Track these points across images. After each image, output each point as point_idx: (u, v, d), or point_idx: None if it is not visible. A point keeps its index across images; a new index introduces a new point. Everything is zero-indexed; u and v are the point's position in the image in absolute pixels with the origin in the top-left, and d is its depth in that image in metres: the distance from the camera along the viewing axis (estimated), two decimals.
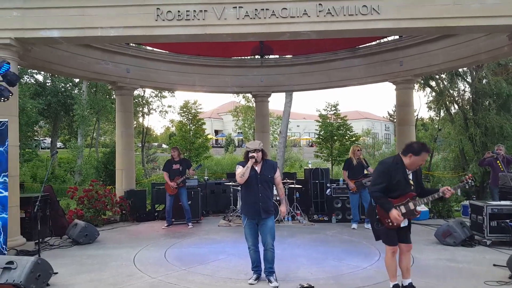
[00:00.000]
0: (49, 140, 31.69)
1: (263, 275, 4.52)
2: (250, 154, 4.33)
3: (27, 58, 6.69)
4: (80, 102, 20.60)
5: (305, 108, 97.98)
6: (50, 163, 7.27)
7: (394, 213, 3.72)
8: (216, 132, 51.30)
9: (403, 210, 3.78)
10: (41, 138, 33.67)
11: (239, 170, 4.39)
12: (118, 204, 8.67)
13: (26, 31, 5.73)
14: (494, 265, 4.87)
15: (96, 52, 8.66)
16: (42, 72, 22.62)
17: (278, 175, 4.52)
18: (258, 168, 4.42)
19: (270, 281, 4.34)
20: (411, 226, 4.05)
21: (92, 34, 5.83)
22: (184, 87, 10.64)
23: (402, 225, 3.87)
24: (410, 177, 3.89)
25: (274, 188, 4.73)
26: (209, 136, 25.61)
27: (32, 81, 23.25)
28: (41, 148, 30.71)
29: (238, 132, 36.86)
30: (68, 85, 24.25)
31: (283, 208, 4.68)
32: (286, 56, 10.77)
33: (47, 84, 24.02)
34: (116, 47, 8.89)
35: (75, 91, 23.70)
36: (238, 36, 5.92)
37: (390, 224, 3.81)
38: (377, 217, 3.89)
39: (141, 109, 25.99)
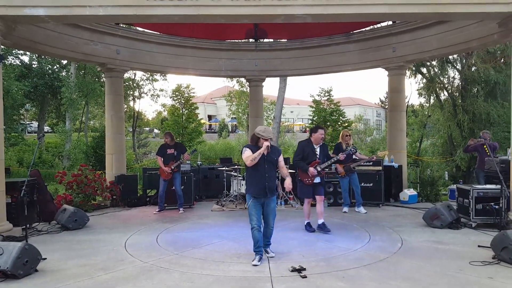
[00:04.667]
0: (36, 124, 31.10)
1: (264, 256, 4.66)
2: (266, 143, 4.53)
3: (11, 37, 6.41)
4: (68, 85, 20.18)
5: (299, 94, 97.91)
6: (37, 147, 7.10)
7: (311, 169, 5.77)
8: (210, 117, 50.94)
9: (314, 171, 5.77)
10: (27, 122, 33.04)
11: (247, 152, 4.58)
12: (109, 189, 8.59)
13: (9, 8, 5.47)
14: (479, 246, 5.01)
15: (85, 33, 8.42)
16: (28, 53, 22.04)
17: (281, 159, 4.87)
18: (265, 151, 4.60)
19: (267, 252, 4.73)
20: (323, 183, 6.04)
21: (80, 13, 5.63)
22: (177, 70, 10.46)
23: (316, 181, 5.84)
24: (318, 151, 5.94)
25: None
26: (202, 121, 25.48)
27: (18, 62, 22.64)
28: (28, 132, 30.18)
29: (232, 118, 36.68)
30: (55, 67, 23.70)
31: (288, 180, 4.81)
32: (280, 40, 10.65)
33: (33, 65, 23.43)
34: (106, 27, 8.65)
35: (63, 73, 23.22)
36: (232, 17, 5.81)
37: (308, 181, 5.81)
38: (299, 178, 5.93)
39: (131, 92, 25.65)
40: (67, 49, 8.26)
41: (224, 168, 8.93)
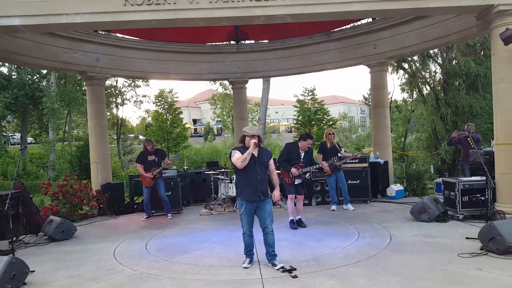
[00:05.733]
0: (19, 136, 30.43)
1: (255, 259, 4.59)
2: (252, 140, 4.37)
3: None
4: (49, 95, 19.81)
5: (283, 94, 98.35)
6: (19, 159, 6.95)
7: (293, 170, 6.19)
8: (195, 121, 50.70)
9: (296, 172, 6.20)
10: (10, 134, 32.33)
11: (237, 154, 4.40)
12: (95, 198, 8.45)
13: None
14: (467, 238, 5.07)
15: (63, 41, 8.29)
16: (7, 64, 21.55)
17: (272, 163, 4.67)
18: (255, 153, 4.46)
19: (274, 265, 4.33)
20: (303, 185, 6.42)
21: (56, 21, 5.54)
22: (158, 75, 10.38)
23: (296, 183, 6.28)
24: (302, 155, 6.34)
25: None
26: (187, 126, 25.32)
27: None
28: (11, 144, 29.56)
29: (217, 121, 36.58)
30: (35, 77, 23.23)
31: (276, 193, 4.72)
32: (262, 41, 10.66)
33: (13, 76, 22.93)
34: (84, 35, 8.53)
35: (43, 83, 22.77)
36: (211, 20, 5.79)
37: (289, 181, 6.24)
38: (281, 176, 6.14)
39: (114, 99, 25.33)
40: (46, 59, 8.13)
41: (211, 172, 8.87)
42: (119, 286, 4.09)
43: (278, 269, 4.25)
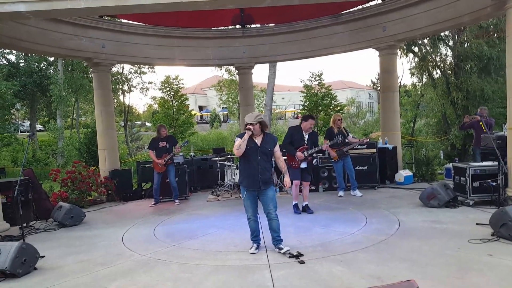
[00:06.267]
0: (28, 123, 30.76)
1: (262, 244, 4.58)
2: (246, 127, 4.30)
3: None
4: (56, 82, 19.88)
5: (289, 80, 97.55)
6: (27, 146, 7.02)
7: (298, 153, 6.13)
8: (201, 108, 50.69)
9: (302, 155, 6.14)
10: (19, 121, 32.71)
11: (237, 142, 4.35)
12: (103, 184, 8.54)
13: None
14: (477, 224, 4.99)
15: (68, 27, 8.23)
16: (14, 52, 21.64)
17: (277, 149, 4.53)
18: (258, 141, 4.39)
19: (280, 249, 4.34)
20: (310, 169, 6.38)
21: (60, 7, 5.46)
22: (164, 61, 10.28)
23: (302, 166, 6.21)
24: (306, 137, 6.26)
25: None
26: (193, 112, 25.29)
27: (5, 61, 22.24)
28: (21, 132, 29.91)
29: (223, 107, 36.47)
30: (42, 65, 23.31)
31: (287, 179, 4.63)
32: (268, 25, 10.46)
33: (21, 64, 23.04)
34: (89, 20, 8.45)
35: (51, 71, 22.83)
36: (216, 3, 5.65)
37: (295, 165, 6.16)
38: (287, 161, 5.99)
39: (120, 86, 25.33)
40: (51, 45, 8.09)
41: (217, 158, 8.86)
42: (128, 271, 4.13)
43: (284, 253, 4.25)
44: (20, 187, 5.27)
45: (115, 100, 24.04)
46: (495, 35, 13.37)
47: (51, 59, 22.34)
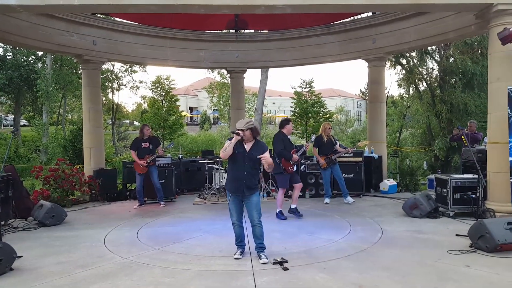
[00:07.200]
0: (11, 117, 30.04)
1: (247, 249, 4.57)
2: (235, 131, 4.34)
3: None
4: (44, 77, 19.51)
5: (280, 85, 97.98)
6: (10, 141, 6.87)
7: (295, 156, 6.31)
8: (191, 109, 50.41)
9: (297, 157, 6.39)
10: (3, 115, 31.95)
11: (225, 145, 4.39)
12: (87, 183, 8.38)
13: None
14: (457, 235, 5.13)
15: (60, 23, 8.13)
16: (1, 44, 21.16)
17: (267, 155, 4.37)
18: (247, 147, 4.39)
19: (260, 257, 4.32)
20: (298, 171, 6.71)
21: (53, 3, 5.44)
22: (155, 61, 10.24)
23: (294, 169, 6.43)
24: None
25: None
26: (183, 113, 25.15)
27: None
28: (4, 126, 29.16)
29: (214, 110, 36.40)
30: (30, 59, 22.85)
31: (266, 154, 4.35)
32: (261, 31, 10.55)
33: (8, 57, 22.52)
34: (82, 17, 8.37)
35: (39, 65, 22.40)
36: (211, 8, 5.70)
37: (291, 169, 6.33)
38: (283, 167, 6.29)
39: (110, 84, 25.05)
40: (41, 40, 7.98)
41: (205, 161, 8.85)
42: (109, 274, 4.06)
43: (263, 263, 4.21)
44: (1, 183, 5.10)
45: (104, 98, 23.75)
46: (479, 51, 13.77)
47: (40, 53, 21.95)
